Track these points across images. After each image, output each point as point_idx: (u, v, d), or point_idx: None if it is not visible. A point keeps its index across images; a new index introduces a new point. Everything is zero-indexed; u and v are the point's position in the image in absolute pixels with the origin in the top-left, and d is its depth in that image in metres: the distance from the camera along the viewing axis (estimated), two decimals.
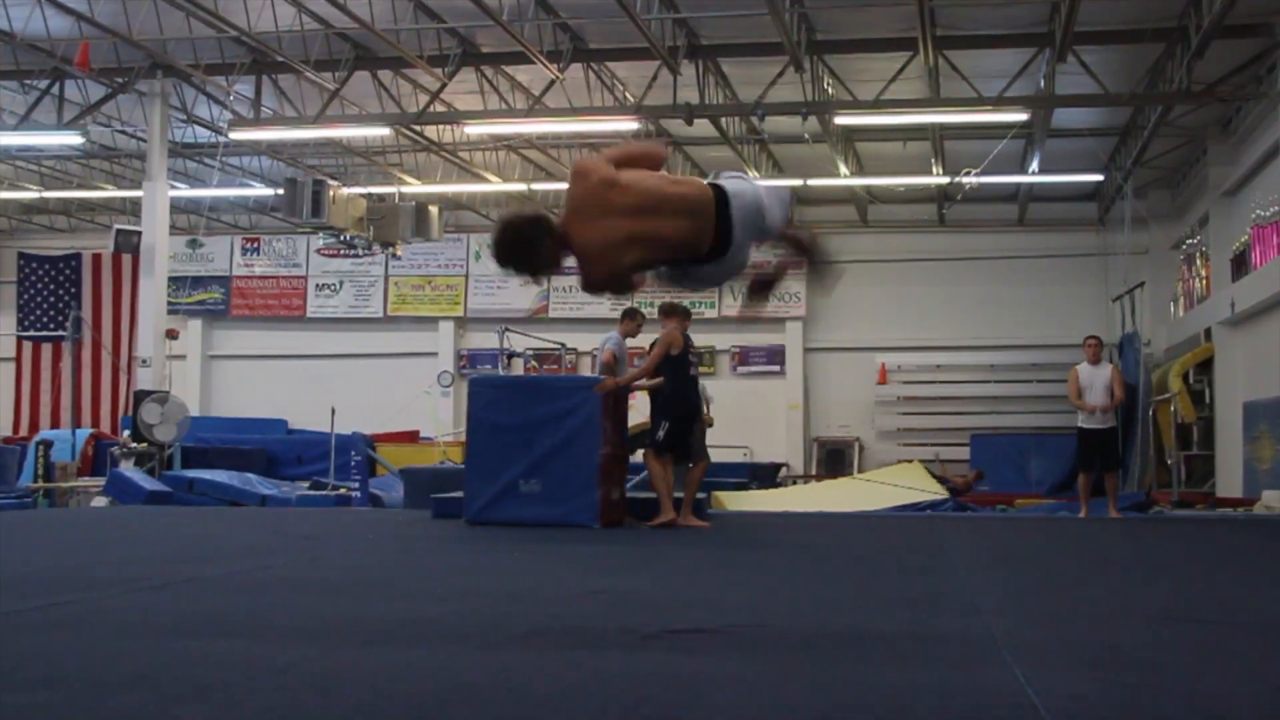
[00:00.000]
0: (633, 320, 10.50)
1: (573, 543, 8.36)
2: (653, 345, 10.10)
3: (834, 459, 23.85)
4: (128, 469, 15.87)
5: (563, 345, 23.52)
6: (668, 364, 9.73)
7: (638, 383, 10.04)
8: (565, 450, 9.48)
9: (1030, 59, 15.49)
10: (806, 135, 18.41)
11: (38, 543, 8.41)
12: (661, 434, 9.74)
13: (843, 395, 23.72)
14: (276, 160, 21.61)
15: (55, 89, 17.32)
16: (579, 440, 9.49)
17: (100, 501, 15.01)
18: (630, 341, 10.63)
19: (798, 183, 21.32)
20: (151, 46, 15.88)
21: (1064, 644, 4.09)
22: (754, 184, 4.09)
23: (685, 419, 9.84)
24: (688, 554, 7.61)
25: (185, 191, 22.91)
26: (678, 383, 9.80)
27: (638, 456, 14.88)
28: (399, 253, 19.11)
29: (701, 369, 23.70)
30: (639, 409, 18.64)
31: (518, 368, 23.64)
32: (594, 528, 9.21)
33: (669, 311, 10.01)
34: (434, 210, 18.25)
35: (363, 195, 18.99)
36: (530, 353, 22.46)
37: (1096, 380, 12.06)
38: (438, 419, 23.76)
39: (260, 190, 23.31)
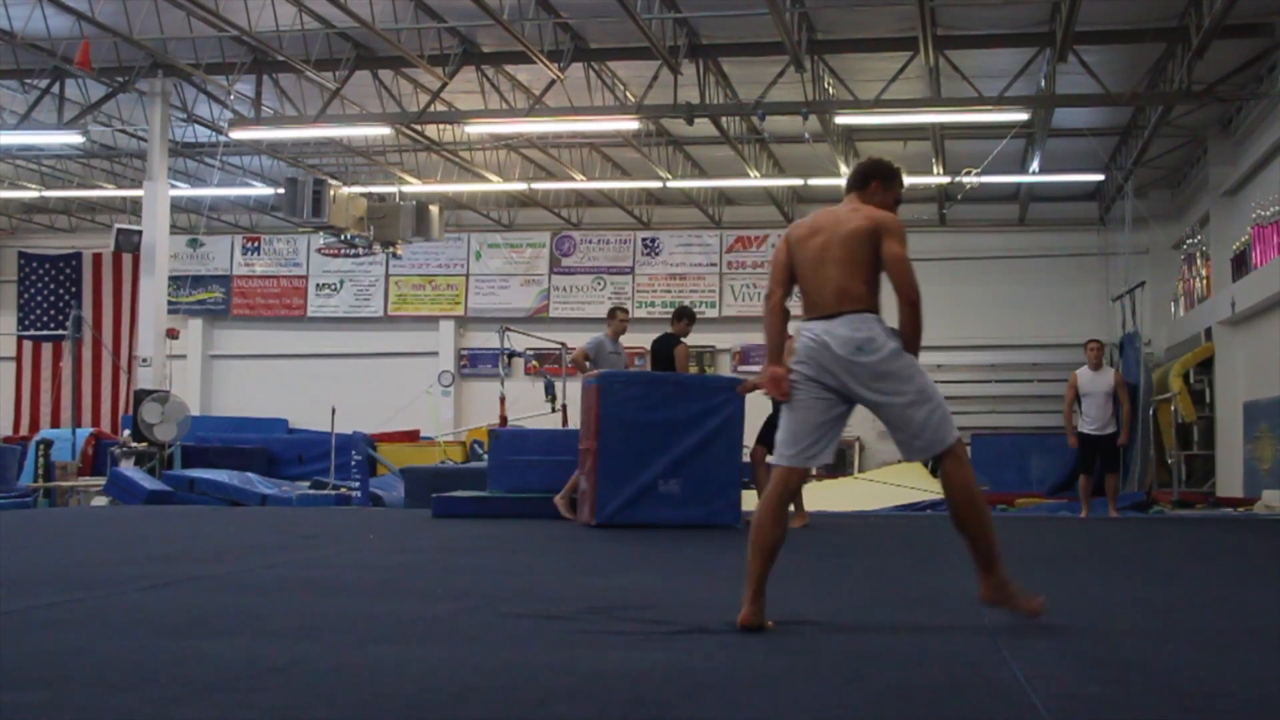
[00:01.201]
0: (614, 319, 10.58)
1: (572, 541, 8.37)
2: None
3: (834, 459, 23.84)
4: (128, 468, 15.86)
5: (563, 345, 23.49)
6: None
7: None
8: (706, 450, 9.38)
9: (1031, 59, 15.48)
10: (807, 135, 18.41)
11: (38, 543, 8.41)
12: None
13: None
14: (277, 160, 21.61)
15: (56, 88, 17.31)
16: (720, 440, 9.45)
17: (100, 501, 15.01)
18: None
19: (798, 182, 21.34)
20: (152, 46, 15.88)
21: (1064, 644, 4.09)
22: None
23: None
24: (687, 553, 7.62)
25: (186, 191, 22.91)
26: None
27: None
28: (399, 252, 19.10)
29: (702, 369, 23.80)
30: None
31: (518, 368, 23.65)
32: (738, 527, 9.25)
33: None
34: (434, 210, 18.24)
35: (363, 195, 18.99)
36: (531, 352, 22.46)
37: (1097, 386, 11.86)
38: (438, 419, 23.75)
39: (261, 190, 23.31)
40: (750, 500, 12.44)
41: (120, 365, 25.68)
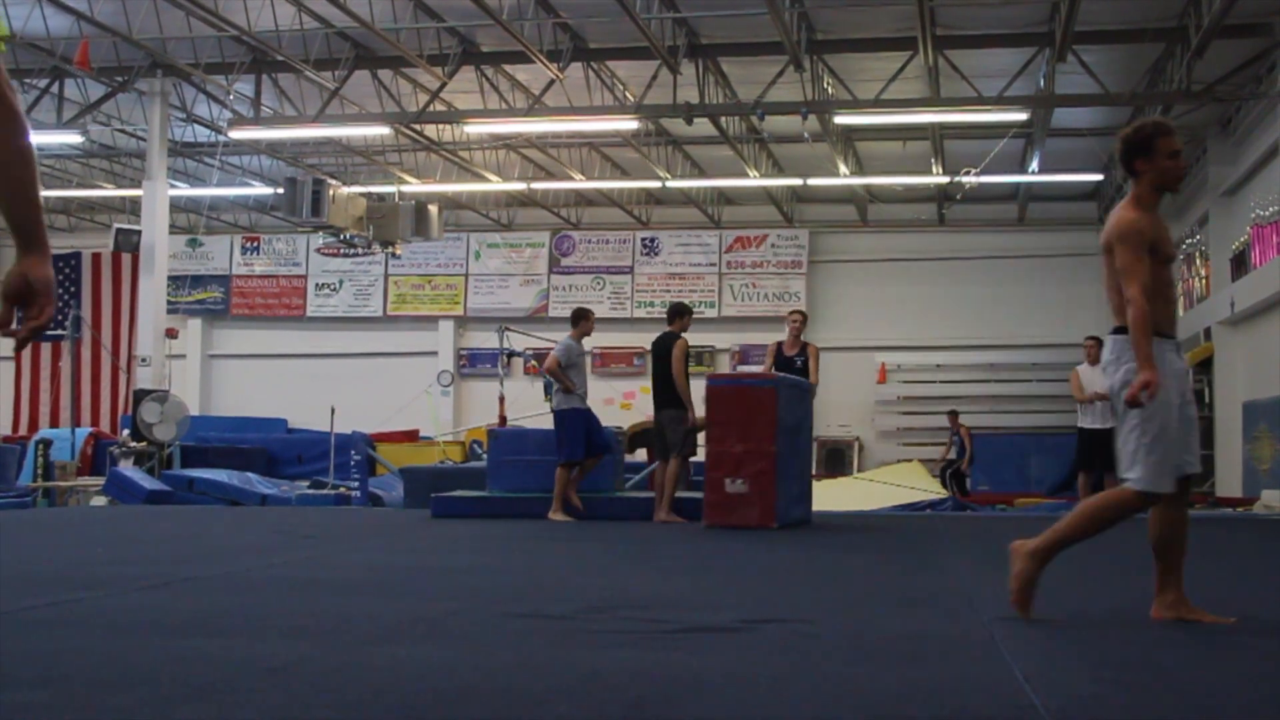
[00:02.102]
0: (587, 320, 10.70)
1: (572, 541, 8.37)
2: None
3: (834, 459, 23.85)
4: (127, 468, 15.85)
5: None
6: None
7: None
8: (804, 451, 10.20)
9: (1030, 59, 15.48)
10: (806, 135, 18.41)
11: (37, 542, 8.41)
12: None
13: (842, 395, 23.71)
14: (276, 159, 21.61)
15: (55, 88, 17.32)
16: (808, 441, 10.37)
17: (100, 501, 15.00)
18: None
19: (797, 182, 21.34)
20: (151, 45, 15.88)
21: (1064, 644, 4.09)
22: None
23: None
24: (686, 552, 7.62)
25: (185, 190, 22.90)
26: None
27: (638, 455, 14.95)
28: (399, 252, 19.11)
29: (700, 369, 23.79)
30: (639, 409, 18.60)
31: (518, 368, 23.65)
32: (810, 523, 9.96)
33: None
34: (434, 209, 18.25)
35: (363, 194, 18.99)
36: (530, 352, 22.45)
37: (1096, 381, 12.05)
38: (438, 418, 23.75)
39: (260, 189, 23.30)
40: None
41: (120, 365, 25.66)
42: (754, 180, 20.66)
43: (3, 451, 17.14)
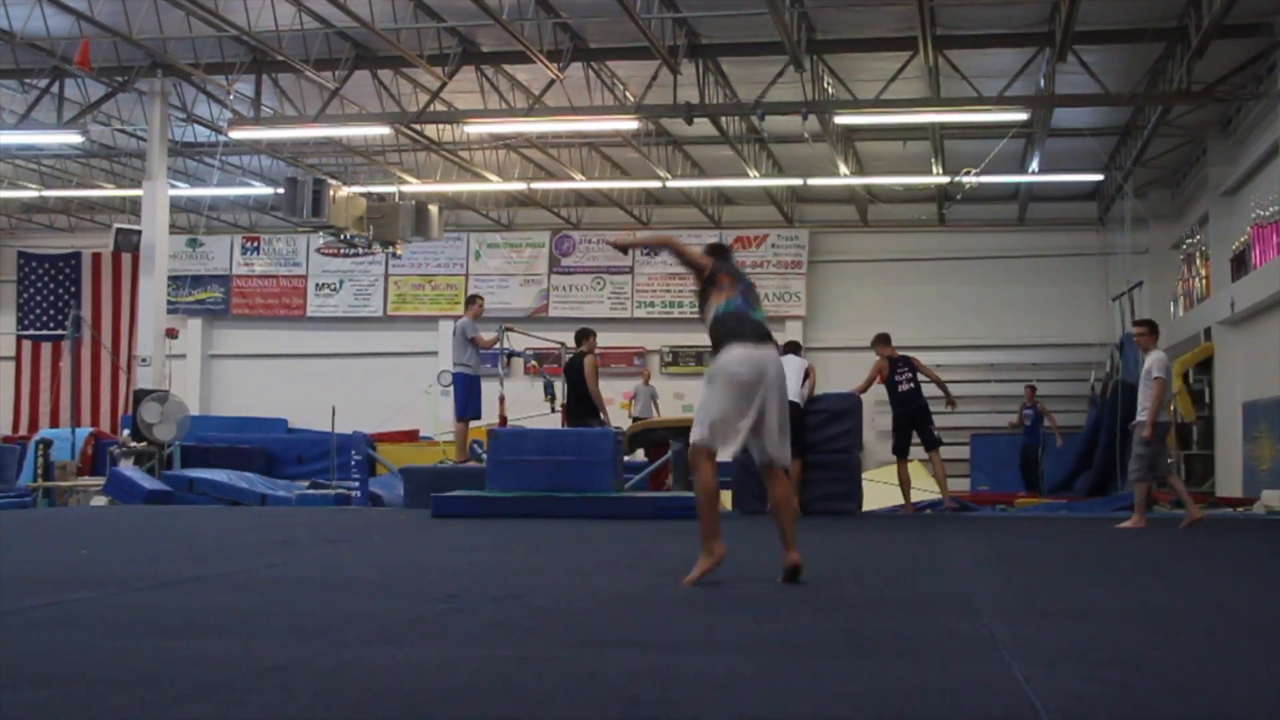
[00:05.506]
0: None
1: (572, 541, 8.37)
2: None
3: None
4: (127, 468, 15.85)
5: (563, 345, 23.49)
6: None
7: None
8: None
9: (1030, 59, 15.48)
10: (806, 135, 18.39)
11: (37, 542, 8.41)
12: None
13: None
14: (276, 159, 21.60)
15: (55, 88, 17.30)
16: None
17: (100, 501, 15.00)
18: None
19: (797, 182, 21.33)
20: (151, 45, 15.87)
21: (1063, 644, 4.09)
22: None
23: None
24: (683, 553, 7.61)
25: (185, 190, 22.90)
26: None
27: (637, 455, 14.97)
28: (399, 252, 19.06)
29: (701, 369, 23.76)
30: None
31: (517, 368, 23.64)
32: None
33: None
34: (434, 209, 18.20)
35: (363, 194, 18.95)
36: (530, 352, 22.45)
37: None
38: (437, 418, 23.72)
39: (260, 189, 23.30)
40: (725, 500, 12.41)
41: (120, 365, 25.67)
42: (754, 180, 20.66)
43: (3, 451, 17.17)
